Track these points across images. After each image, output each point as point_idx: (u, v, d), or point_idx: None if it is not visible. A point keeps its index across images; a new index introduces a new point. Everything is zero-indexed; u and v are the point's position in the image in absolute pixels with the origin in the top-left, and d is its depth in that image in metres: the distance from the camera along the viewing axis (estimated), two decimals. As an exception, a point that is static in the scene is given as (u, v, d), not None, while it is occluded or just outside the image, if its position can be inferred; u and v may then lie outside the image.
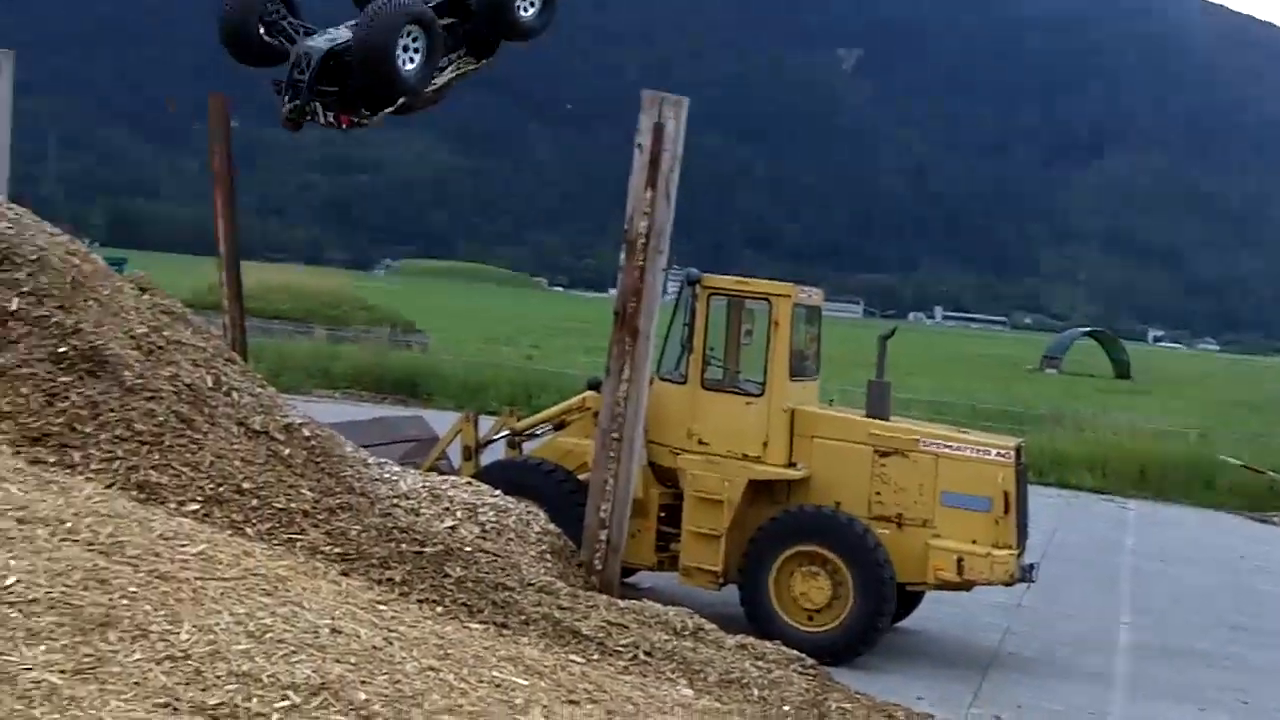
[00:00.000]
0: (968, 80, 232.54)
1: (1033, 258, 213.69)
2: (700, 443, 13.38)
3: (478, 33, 11.76)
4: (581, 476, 13.20)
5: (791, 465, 13.27)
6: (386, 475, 10.48)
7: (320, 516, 9.07)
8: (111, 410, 9.04)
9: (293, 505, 9.03)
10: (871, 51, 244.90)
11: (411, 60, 10.53)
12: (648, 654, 8.93)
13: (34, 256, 9.83)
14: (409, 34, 10.46)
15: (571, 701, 7.26)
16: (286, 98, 10.75)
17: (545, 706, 6.89)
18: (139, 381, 9.35)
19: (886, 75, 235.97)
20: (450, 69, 11.63)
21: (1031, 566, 13.21)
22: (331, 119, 11.18)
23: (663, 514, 13.64)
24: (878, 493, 13.03)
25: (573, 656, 8.47)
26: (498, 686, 6.94)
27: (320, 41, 10.80)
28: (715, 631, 9.79)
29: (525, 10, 11.72)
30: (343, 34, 10.88)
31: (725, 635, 9.82)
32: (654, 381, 13.03)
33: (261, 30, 11.06)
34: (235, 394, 9.95)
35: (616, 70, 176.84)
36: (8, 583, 6.21)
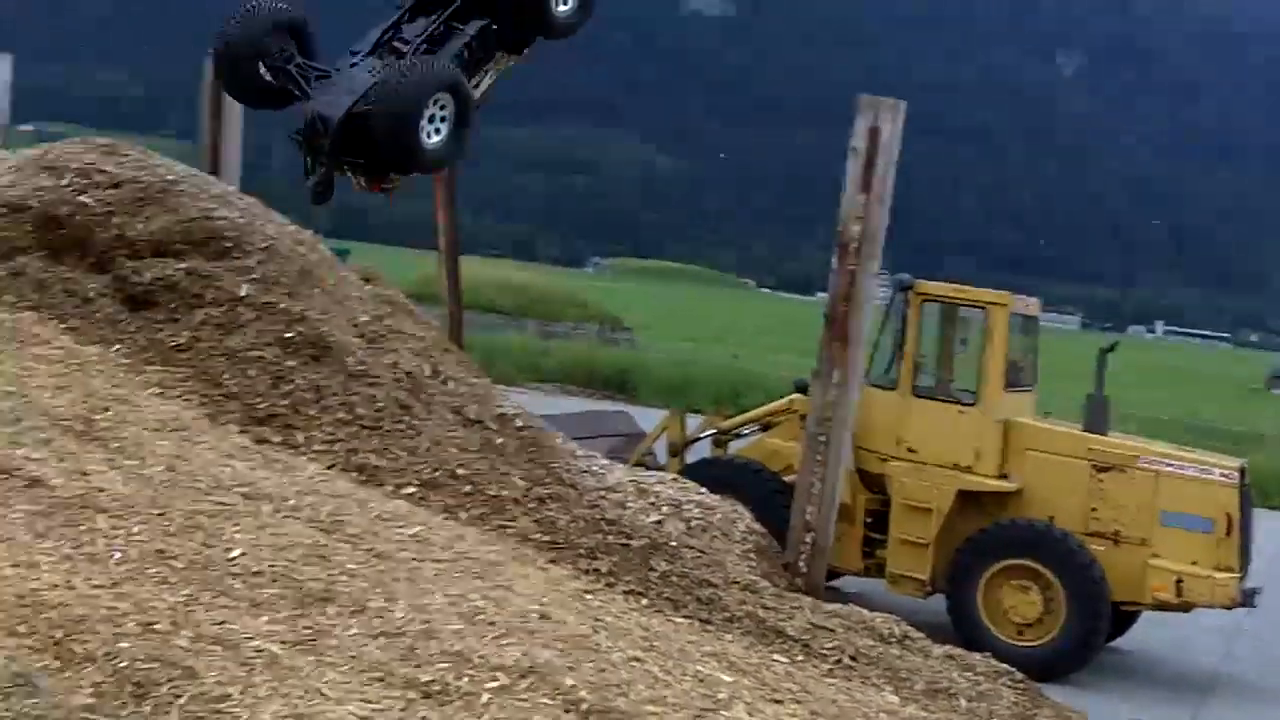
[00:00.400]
0: (1192, 88, 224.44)
1: (1259, 272, 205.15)
2: (909, 450, 13.19)
3: (511, 32, 10.46)
4: (787, 478, 13.13)
5: (1003, 477, 12.99)
6: (594, 468, 10.56)
7: (530, 505, 9.19)
8: (334, 394, 9.32)
9: (504, 493, 9.17)
10: (1093, 57, 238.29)
11: (438, 131, 9.24)
12: (853, 658, 8.81)
13: (264, 245, 10.19)
14: (437, 103, 9.21)
15: (775, 700, 7.20)
16: (307, 160, 9.93)
17: (748, 704, 6.85)
18: (361, 368, 9.62)
19: (1108, 81, 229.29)
20: (489, 76, 10.33)
21: (1254, 591, 12.73)
22: (362, 183, 10.47)
23: (869, 520, 13.48)
24: (1094, 509, 12.66)
25: (776, 656, 8.41)
26: (701, 681, 6.93)
27: (335, 101, 9.47)
28: (922, 640, 9.61)
29: (560, 6, 11.06)
30: (361, 82, 9.56)
31: (932, 644, 9.63)
32: (863, 387, 12.89)
33: (265, 74, 9.59)
34: (452, 383, 10.16)
35: (830, 72, 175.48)
36: (233, 555, 6.45)
